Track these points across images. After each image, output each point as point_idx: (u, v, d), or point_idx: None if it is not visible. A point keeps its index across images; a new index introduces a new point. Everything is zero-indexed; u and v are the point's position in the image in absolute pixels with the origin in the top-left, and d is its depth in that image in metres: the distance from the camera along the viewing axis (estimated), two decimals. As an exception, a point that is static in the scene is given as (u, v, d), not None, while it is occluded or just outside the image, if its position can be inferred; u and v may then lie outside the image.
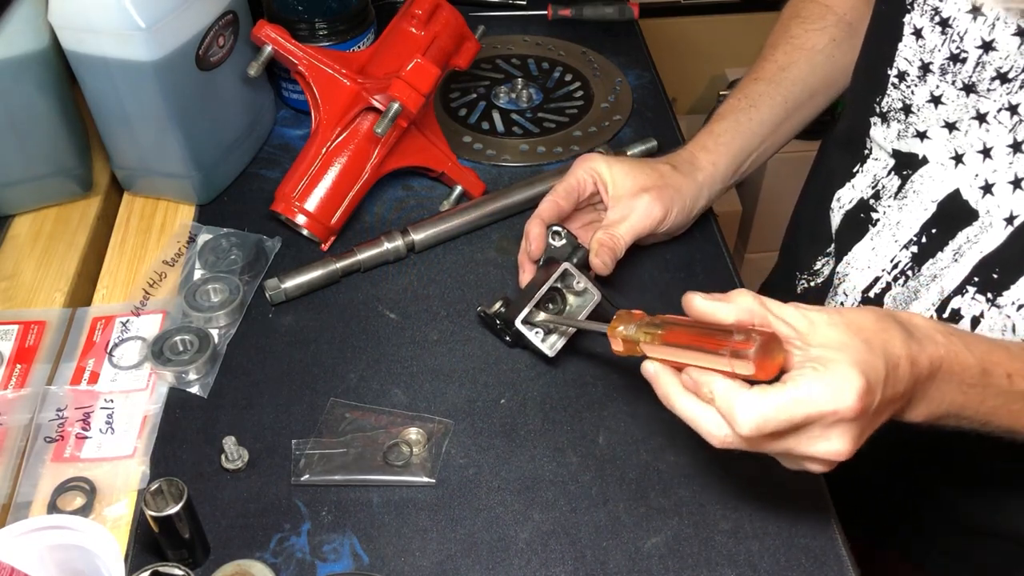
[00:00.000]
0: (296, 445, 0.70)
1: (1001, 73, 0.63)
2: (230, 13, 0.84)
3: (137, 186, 0.91)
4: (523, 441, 0.71)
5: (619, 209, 0.78)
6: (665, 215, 0.79)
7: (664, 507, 0.67)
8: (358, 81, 0.85)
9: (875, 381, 0.51)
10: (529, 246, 0.77)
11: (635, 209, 0.78)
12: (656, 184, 0.79)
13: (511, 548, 0.64)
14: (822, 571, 0.63)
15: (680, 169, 0.81)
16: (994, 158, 0.65)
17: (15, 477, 0.68)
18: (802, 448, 0.53)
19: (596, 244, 0.77)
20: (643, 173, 0.79)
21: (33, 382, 0.74)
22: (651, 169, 0.80)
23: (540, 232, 0.77)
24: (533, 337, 0.73)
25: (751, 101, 0.84)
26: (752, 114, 0.83)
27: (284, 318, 0.80)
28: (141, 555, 0.64)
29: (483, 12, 1.16)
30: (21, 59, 0.78)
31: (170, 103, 0.81)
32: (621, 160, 0.81)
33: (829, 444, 0.52)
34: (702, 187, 0.82)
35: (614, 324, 0.63)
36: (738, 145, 0.83)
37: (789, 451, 0.53)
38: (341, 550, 0.64)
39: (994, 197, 0.66)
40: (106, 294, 0.82)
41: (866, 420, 0.52)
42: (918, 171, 0.71)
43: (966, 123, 0.66)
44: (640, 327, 0.61)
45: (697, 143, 0.84)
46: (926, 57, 0.67)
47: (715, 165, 0.82)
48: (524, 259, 0.79)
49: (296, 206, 0.84)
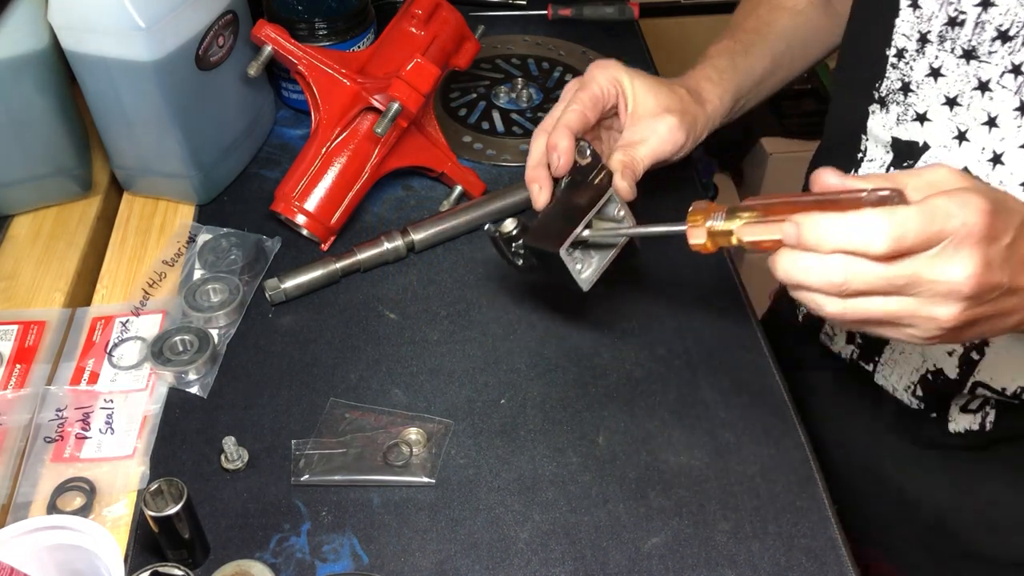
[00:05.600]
0: (296, 445, 0.70)
1: (1002, 31, 0.62)
2: (230, 13, 0.84)
3: (137, 186, 0.91)
4: (523, 441, 0.71)
5: (639, 130, 0.72)
6: (685, 142, 0.73)
7: (664, 507, 0.67)
8: (358, 81, 0.85)
9: (999, 206, 0.49)
10: (557, 160, 0.69)
11: (657, 132, 0.72)
12: (678, 108, 0.73)
13: (511, 548, 0.64)
14: (822, 571, 0.63)
15: (693, 96, 0.76)
16: (1000, 126, 0.64)
17: (15, 477, 0.68)
18: (930, 272, 0.48)
19: (620, 165, 0.69)
20: (664, 93, 0.73)
21: (33, 382, 0.74)
22: (670, 91, 0.74)
23: (570, 145, 0.69)
24: (573, 268, 0.65)
25: (744, 46, 0.81)
26: (746, 59, 0.80)
27: (284, 318, 0.80)
28: (141, 555, 0.64)
29: (483, 12, 1.16)
30: (21, 59, 0.78)
31: (170, 103, 0.81)
32: (641, 74, 0.74)
33: (955, 267, 0.48)
34: (709, 119, 0.77)
35: (696, 218, 0.56)
36: (735, 85, 0.79)
37: (916, 278, 0.49)
38: (341, 550, 0.64)
39: (1005, 166, 0.65)
40: (106, 294, 0.82)
41: (994, 247, 0.49)
42: (920, 159, 0.70)
43: (967, 95, 0.65)
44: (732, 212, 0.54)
45: (700, 74, 0.78)
46: (923, 27, 0.66)
47: (720, 100, 0.78)
48: (542, 176, 0.71)
49: (296, 206, 0.84)
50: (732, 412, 0.73)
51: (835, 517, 0.66)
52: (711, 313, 0.81)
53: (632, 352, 0.77)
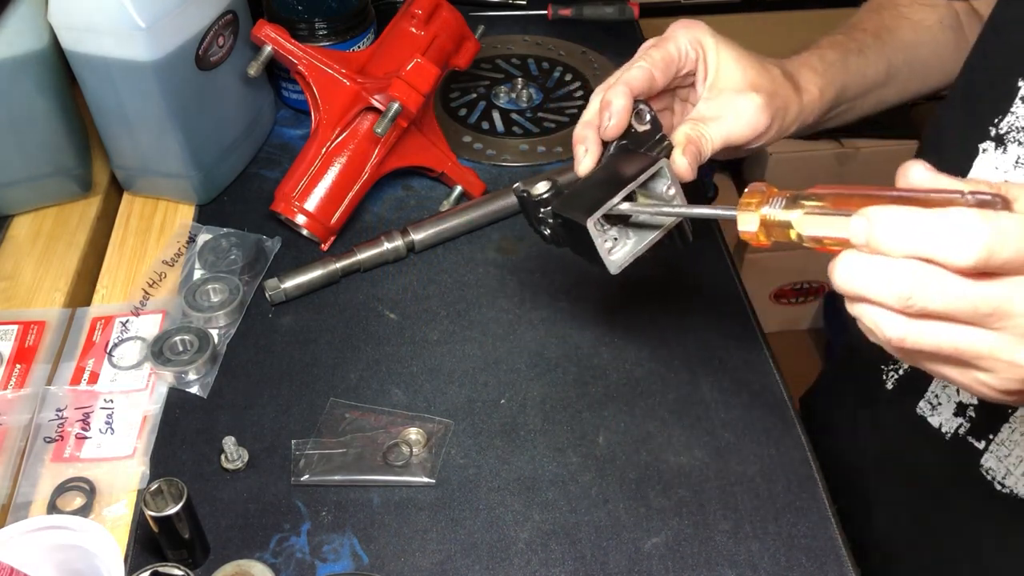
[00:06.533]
0: (296, 445, 0.70)
1: None
2: (230, 13, 0.84)
3: (137, 186, 0.91)
4: (523, 441, 0.71)
5: (716, 105, 0.62)
6: (768, 129, 0.63)
7: (664, 507, 0.67)
8: (358, 81, 0.85)
9: None
10: (608, 120, 0.60)
11: (737, 110, 0.62)
12: (768, 88, 0.63)
13: (511, 548, 0.64)
14: (822, 571, 0.63)
15: (789, 80, 0.65)
16: None
17: (15, 477, 0.68)
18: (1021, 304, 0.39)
19: (684, 139, 0.60)
20: (754, 68, 0.64)
21: (33, 382, 0.74)
22: (762, 67, 0.64)
23: (627, 106, 0.60)
24: (601, 245, 0.57)
25: (859, 46, 0.70)
26: (860, 59, 0.70)
27: (284, 318, 0.80)
28: (141, 555, 0.64)
29: (483, 12, 1.16)
30: (21, 59, 0.78)
31: (170, 103, 0.81)
32: (731, 43, 0.65)
33: None
34: (802, 111, 0.66)
35: (750, 202, 0.47)
36: (841, 82, 0.69)
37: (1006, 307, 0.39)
38: (341, 550, 0.64)
39: None
40: (106, 294, 0.82)
41: None
42: None
43: None
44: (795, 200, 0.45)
45: (803, 60, 0.68)
46: None
47: (821, 92, 0.67)
48: (590, 137, 0.62)
49: (296, 206, 0.84)
50: (732, 412, 0.73)
51: (835, 517, 0.66)
52: (711, 313, 0.81)
53: (632, 352, 0.77)
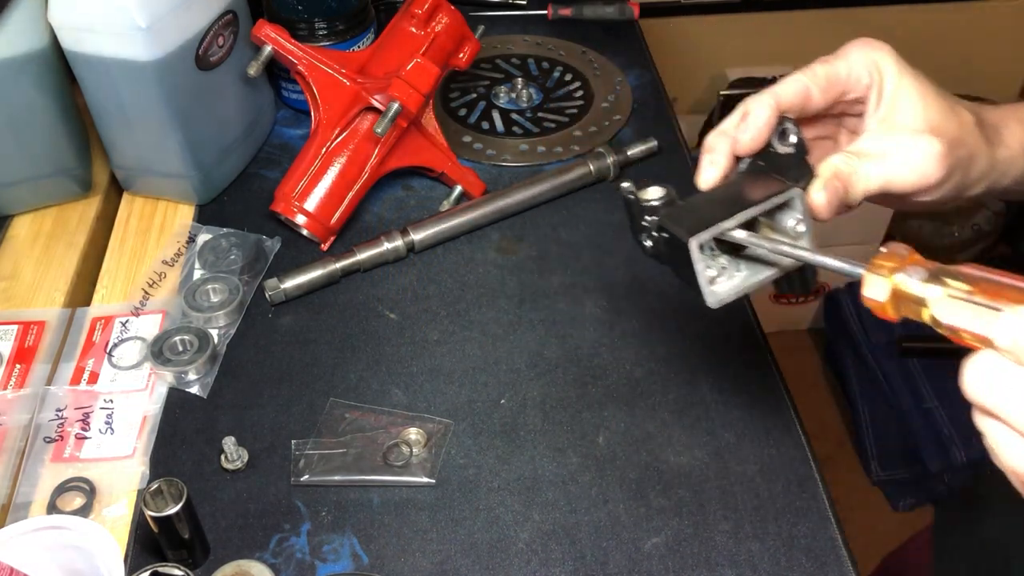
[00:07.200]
0: (296, 445, 0.70)
1: None
2: (230, 13, 0.84)
3: (137, 186, 0.91)
4: (523, 441, 0.71)
5: (883, 141, 0.53)
6: (941, 182, 0.53)
7: (664, 507, 0.67)
8: (358, 81, 0.85)
9: None
10: (744, 132, 0.53)
11: (907, 153, 0.52)
12: (952, 134, 0.53)
13: (511, 548, 0.64)
14: (822, 571, 0.63)
15: (983, 129, 0.55)
16: None
17: (15, 477, 0.68)
18: None
19: (829, 172, 0.52)
20: (939, 108, 0.54)
21: (32, 382, 0.74)
22: (949, 108, 0.54)
23: (768, 120, 0.52)
24: (702, 270, 0.50)
25: None
26: None
27: (284, 318, 0.80)
28: (141, 555, 0.64)
29: (483, 12, 1.16)
30: (21, 59, 0.78)
31: (170, 103, 0.81)
32: (916, 73, 0.55)
33: None
34: (994, 168, 0.56)
35: (883, 264, 0.41)
36: None
37: None
38: (341, 550, 0.64)
39: None
40: (106, 294, 0.82)
41: None
42: None
43: None
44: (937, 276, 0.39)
45: (1009, 110, 0.58)
46: None
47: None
48: (721, 147, 0.54)
49: (296, 206, 0.84)
50: (732, 412, 0.73)
51: (835, 517, 0.66)
52: (711, 313, 0.80)
53: (632, 352, 0.77)
